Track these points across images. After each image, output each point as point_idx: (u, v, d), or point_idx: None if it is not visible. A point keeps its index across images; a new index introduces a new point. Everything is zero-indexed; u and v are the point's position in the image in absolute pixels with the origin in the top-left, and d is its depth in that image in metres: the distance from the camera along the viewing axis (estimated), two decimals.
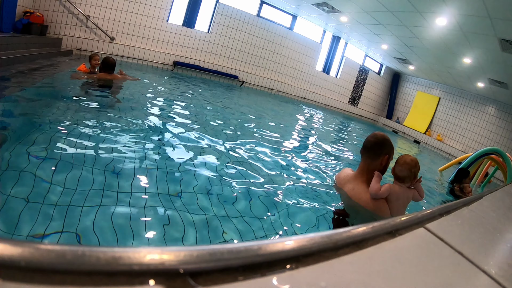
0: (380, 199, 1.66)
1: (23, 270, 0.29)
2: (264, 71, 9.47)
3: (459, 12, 4.75)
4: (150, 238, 1.34)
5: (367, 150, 1.79)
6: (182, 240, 1.36)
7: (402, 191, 1.72)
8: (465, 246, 0.71)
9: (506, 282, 0.60)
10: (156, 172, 1.92)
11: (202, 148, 2.66)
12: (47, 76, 3.83)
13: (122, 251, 0.34)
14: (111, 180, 1.67)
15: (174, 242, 1.34)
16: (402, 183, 1.74)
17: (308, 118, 7.43)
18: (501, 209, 1.39)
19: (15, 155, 1.67)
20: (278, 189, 2.16)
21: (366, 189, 1.72)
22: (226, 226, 1.55)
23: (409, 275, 0.52)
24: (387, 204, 1.68)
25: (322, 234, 0.51)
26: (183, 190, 1.79)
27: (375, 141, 1.76)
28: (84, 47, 6.55)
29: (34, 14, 5.38)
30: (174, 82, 6.28)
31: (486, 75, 7.49)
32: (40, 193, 1.40)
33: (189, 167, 2.17)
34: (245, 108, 5.73)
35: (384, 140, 1.75)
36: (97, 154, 1.93)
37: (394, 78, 12.98)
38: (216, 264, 0.37)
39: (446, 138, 10.88)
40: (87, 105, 3.03)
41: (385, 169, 1.79)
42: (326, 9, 7.50)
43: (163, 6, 7.28)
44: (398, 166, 1.77)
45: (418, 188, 1.77)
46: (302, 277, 0.41)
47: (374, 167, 1.76)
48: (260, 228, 1.62)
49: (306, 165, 3.12)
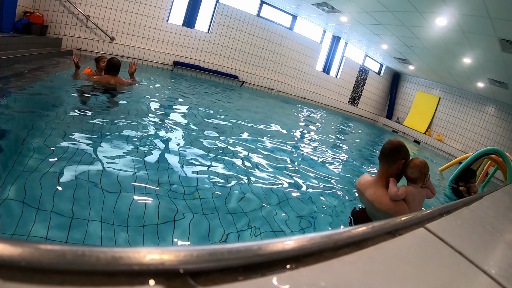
0: (399, 200, 1.77)
1: (23, 270, 0.29)
2: (264, 71, 9.47)
3: (459, 12, 4.75)
4: None
5: (384, 156, 1.88)
6: None
7: (417, 191, 1.83)
8: (465, 246, 0.71)
9: (506, 282, 0.60)
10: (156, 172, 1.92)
11: (202, 151, 2.65)
12: (47, 76, 3.83)
13: (122, 251, 0.34)
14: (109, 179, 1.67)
15: None
16: (415, 184, 1.85)
17: (308, 118, 7.43)
18: (501, 209, 1.39)
19: (12, 158, 1.67)
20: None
21: (386, 193, 1.80)
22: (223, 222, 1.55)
23: (409, 275, 0.52)
24: (406, 205, 1.77)
25: (322, 234, 0.51)
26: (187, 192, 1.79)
27: (392, 148, 1.87)
28: (84, 47, 6.55)
29: (34, 14, 5.38)
30: (174, 82, 6.27)
31: (486, 75, 7.49)
32: (37, 196, 1.40)
33: (191, 174, 2.17)
34: (245, 108, 5.72)
35: (400, 146, 1.87)
36: (96, 156, 1.93)
37: (394, 78, 12.98)
38: (216, 264, 0.37)
39: (446, 138, 10.88)
40: (85, 109, 3.03)
41: (402, 173, 1.90)
42: (326, 9, 7.50)
43: (163, 6, 7.28)
44: (409, 169, 1.86)
45: (430, 187, 1.89)
46: (302, 277, 0.41)
47: (392, 172, 1.86)
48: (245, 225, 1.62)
49: (306, 167, 3.12)
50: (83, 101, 3.17)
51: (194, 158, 2.34)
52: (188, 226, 1.47)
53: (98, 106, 3.09)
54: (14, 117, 2.30)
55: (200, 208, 1.65)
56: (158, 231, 1.38)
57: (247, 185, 2.11)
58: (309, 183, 2.56)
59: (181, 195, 1.71)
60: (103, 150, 2.01)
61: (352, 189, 2.60)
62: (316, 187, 2.54)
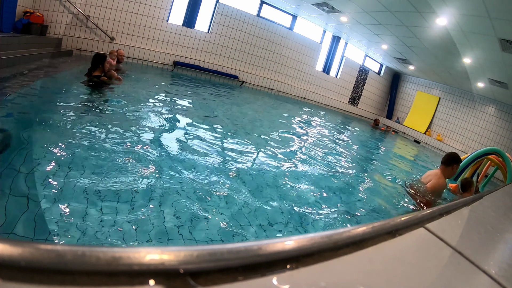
0: (441, 186, 2.85)
1: (23, 270, 0.29)
2: (264, 71, 9.46)
3: (459, 12, 4.75)
4: None
5: (443, 162, 2.87)
6: None
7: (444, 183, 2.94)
8: (465, 246, 0.71)
9: (506, 282, 0.60)
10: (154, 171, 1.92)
11: (202, 151, 2.65)
12: (47, 76, 3.83)
13: (122, 251, 0.33)
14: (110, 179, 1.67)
15: None
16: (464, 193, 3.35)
17: (308, 118, 7.42)
18: (501, 209, 1.39)
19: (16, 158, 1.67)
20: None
21: (438, 182, 2.82)
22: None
23: (409, 275, 0.52)
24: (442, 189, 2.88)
25: (322, 234, 0.51)
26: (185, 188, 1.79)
27: (448, 157, 2.88)
28: (84, 47, 6.54)
29: (34, 14, 5.38)
30: (174, 82, 6.27)
31: (486, 75, 7.48)
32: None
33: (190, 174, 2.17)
34: (244, 108, 5.72)
35: (454, 156, 2.88)
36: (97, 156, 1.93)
37: (394, 78, 12.98)
38: (216, 264, 0.37)
39: (446, 138, 10.88)
40: (86, 108, 3.02)
41: (454, 173, 2.88)
42: (326, 9, 7.50)
43: (163, 6, 7.28)
44: (467, 186, 3.43)
45: None
46: (302, 277, 0.41)
47: (447, 172, 2.84)
48: None
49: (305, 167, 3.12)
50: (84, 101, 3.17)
51: (194, 163, 2.34)
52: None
53: (92, 103, 3.09)
54: (14, 117, 2.29)
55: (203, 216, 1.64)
56: None
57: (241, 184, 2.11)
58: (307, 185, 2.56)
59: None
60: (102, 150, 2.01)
61: (352, 191, 2.59)
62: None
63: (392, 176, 4.01)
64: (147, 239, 1.33)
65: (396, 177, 3.95)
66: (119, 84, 4.14)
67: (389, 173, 4.30)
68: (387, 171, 4.44)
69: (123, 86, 4.23)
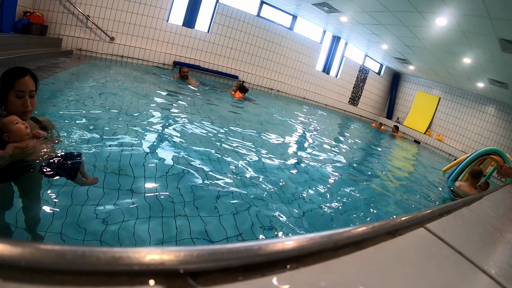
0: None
1: (23, 270, 0.29)
2: (264, 71, 9.46)
3: (459, 12, 4.75)
4: None
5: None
6: None
7: None
8: (465, 246, 0.71)
9: (506, 282, 0.60)
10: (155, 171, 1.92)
11: (203, 153, 2.66)
12: (47, 76, 3.83)
13: (122, 251, 0.33)
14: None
15: None
16: None
17: (308, 118, 7.42)
18: (501, 209, 1.39)
19: None
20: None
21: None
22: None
23: (409, 275, 0.52)
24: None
25: (322, 234, 0.51)
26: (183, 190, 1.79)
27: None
28: (84, 47, 6.54)
29: (34, 14, 5.38)
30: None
31: (486, 75, 7.48)
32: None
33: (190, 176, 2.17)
34: (244, 108, 5.72)
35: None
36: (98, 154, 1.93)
37: (394, 78, 12.97)
38: (216, 264, 0.37)
39: (446, 138, 10.88)
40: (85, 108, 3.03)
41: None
42: (326, 9, 7.49)
43: (163, 6, 7.28)
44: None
45: None
46: (302, 277, 0.41)
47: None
48: None
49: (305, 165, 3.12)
50: None
51: (193, 164, 2.34)
52: None
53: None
54: None
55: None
56: None
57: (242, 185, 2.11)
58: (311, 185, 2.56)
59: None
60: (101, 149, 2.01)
61: (352, 190, 2.59)
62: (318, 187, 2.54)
63: (392, 176, 4.01)
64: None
65: (396, 177, 3.95)
66: None
67: (389, 173, 4.31)
68: (387, 171, 4.44)
69: None
